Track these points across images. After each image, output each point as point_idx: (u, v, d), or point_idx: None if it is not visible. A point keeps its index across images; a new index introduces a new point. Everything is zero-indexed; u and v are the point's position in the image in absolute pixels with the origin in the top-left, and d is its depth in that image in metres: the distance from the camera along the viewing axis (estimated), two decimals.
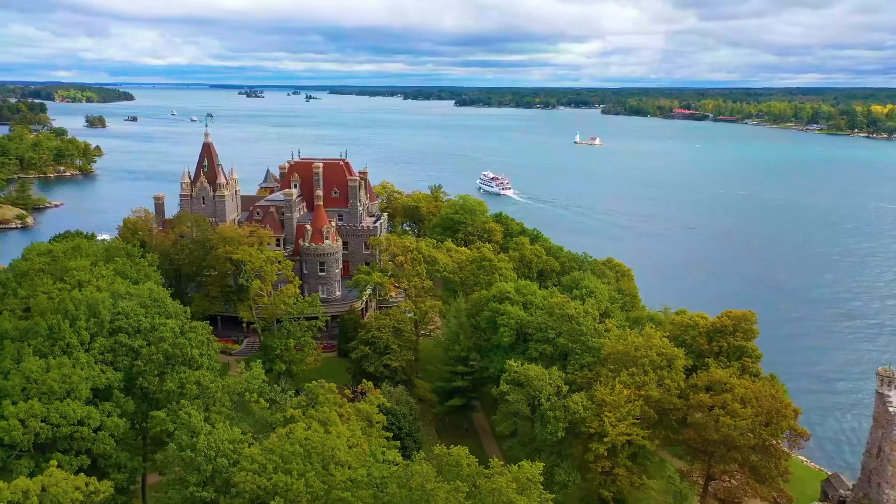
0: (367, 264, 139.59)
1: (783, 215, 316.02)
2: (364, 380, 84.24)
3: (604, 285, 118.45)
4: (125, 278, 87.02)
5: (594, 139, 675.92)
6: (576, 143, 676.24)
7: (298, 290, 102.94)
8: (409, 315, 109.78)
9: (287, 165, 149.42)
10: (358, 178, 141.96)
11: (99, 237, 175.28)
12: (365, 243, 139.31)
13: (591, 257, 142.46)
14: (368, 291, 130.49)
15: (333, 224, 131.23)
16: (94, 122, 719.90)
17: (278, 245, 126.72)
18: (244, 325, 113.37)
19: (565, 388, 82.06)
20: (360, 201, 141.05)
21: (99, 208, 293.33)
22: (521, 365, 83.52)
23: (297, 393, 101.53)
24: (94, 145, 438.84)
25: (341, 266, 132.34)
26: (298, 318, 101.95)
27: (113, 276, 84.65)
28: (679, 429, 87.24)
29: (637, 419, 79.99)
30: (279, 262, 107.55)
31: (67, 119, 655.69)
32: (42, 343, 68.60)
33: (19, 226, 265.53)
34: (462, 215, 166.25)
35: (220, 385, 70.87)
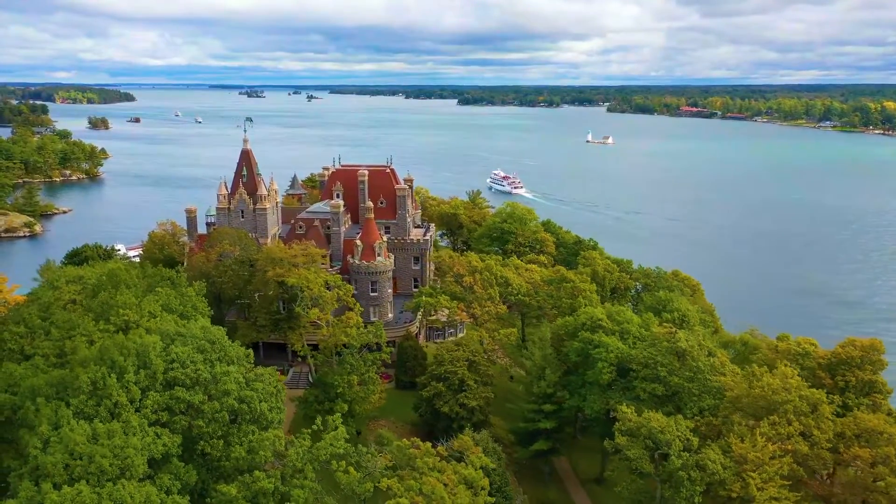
0: (415, 281, 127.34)
1: (822, 217, 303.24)
2: (459, 435, 71.66)
3: (693, 307, 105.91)
4: (171, 313, 74.28)
5: (607, 138, 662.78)
6: (588, 142, 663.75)
7: (361, 319, 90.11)
8: (484, 344, 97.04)
9: (326, 173, 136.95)
10: (405, 187, 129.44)
11: (117, 248, 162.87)
12: (415, 258, 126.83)
13: (664, 272, 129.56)
14: (421, 313, 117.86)
15: (384, 238, 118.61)
16: (97, 124, 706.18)
17: (323, 264, 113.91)
18: (297, 356, 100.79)
19: (695, 441, 69.64)
20: (408, 212, 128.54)
21: (110, 215, 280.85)
22: (641, 414, 71.10)
23: (358, 433, 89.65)
24: (99, 148, 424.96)
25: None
26: (360, 350, 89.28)
27: (160, 311, 71.81)
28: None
29: (783, 478, 67.57)
30: (338, 286, 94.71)
31: (69, 121, 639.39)
32: (84, 402, 56.07)
33: (27, 234, 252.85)
34: (511, 224, 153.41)
35: (301, 452, 58.26)
